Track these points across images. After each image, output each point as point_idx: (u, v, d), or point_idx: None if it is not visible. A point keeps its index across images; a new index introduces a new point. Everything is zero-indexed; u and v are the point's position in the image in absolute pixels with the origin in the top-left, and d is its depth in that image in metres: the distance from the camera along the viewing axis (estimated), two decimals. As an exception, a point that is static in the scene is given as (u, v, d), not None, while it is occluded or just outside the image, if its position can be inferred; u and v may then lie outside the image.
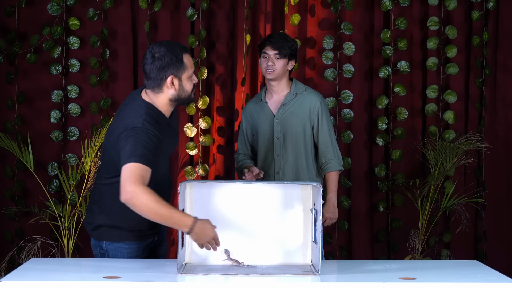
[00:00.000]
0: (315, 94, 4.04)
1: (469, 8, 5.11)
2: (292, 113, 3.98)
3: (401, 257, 4.99)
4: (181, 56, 3.17)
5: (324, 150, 4.00)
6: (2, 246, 4.94)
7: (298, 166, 3.98)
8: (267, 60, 3.94)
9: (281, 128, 3.98)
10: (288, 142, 3.97)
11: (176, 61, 3.17)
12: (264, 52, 3.95)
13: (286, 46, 3.93)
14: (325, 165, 4.00)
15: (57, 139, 4.94)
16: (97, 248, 3.44)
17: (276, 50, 3.92)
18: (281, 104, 3.99)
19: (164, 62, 3.16)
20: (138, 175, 3.00)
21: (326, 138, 4.00)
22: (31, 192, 4.97)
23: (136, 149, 3.07)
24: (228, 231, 3.21)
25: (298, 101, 3.99)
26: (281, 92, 4.02)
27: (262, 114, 4.03)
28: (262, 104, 4.05)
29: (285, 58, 3.94)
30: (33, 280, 2.86)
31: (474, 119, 5.13)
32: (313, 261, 3.12)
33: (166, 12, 4.98)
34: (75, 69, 4.94)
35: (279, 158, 3.98)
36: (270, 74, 3.94)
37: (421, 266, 3.27)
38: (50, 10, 4.86)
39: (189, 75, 3.22)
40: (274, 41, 3.93)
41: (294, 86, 4.04)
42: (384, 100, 5.05)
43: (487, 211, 5.13)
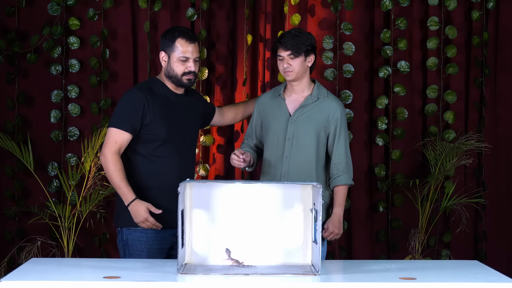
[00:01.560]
0: (337, 102, 3.87)
1: (469, 8, 5.11)
2: (310, 117, 3.80)
3: (401, 257, 4.99)
4: (174, 38, 3.63)
5: (338, 161, 3.84)
6: (2, 246, 4.94)
7: (307, 172, 3.78)
8: (282, 62, 3.77)
9: (295, 129, 3.80)
10: (300, 146, 3.79)
11: (168, 40, 3.64)
12: (279, 55, 3.78)
13: (299, 43, 3.74)
14: (335, 177, 3.84)
15: (57, 139, 4.94)
16: (119, 242, 3.65)
17: (289, 50, 3.74)
18: (300, 105, 3.82)
19: (162, 39, 3.69)
20: (110, 140, 3.57)
21: (342, 150, 3.85)
22: (31, 192, 4.97)
23: (114, 114, 3.62)
24: (228, 231, 3.21)
25: (318, 105, 3.82)
26: (301, 92, 3.85)
27: (277, 110, 3.86)
28: (279, 100, 3.88)
29: (301, 56, 3.75)
30: (33, 280, 2.86)
31: (474, 119, 5.13)
32: (313, 261, 3.12)
33: (166, 12, 4.98)
34: (75, 69, 4.94)
35: (288, 160, 3.79)
36: (290, 76, 3.77)
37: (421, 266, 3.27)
38: (50, 10, 4.86)
39: (178, 57, 3.62)
40: (285, 41, 3.75)
41: (317, 89, 3.86)
42: (384, 100, 5.04)
43: (487, 211, 5.13)
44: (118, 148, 3.58)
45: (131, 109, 3.59)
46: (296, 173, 3.77)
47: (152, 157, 3.64)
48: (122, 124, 3.58)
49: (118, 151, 3.58)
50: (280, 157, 3.80)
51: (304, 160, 3.79)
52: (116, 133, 3.58)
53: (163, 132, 3.62)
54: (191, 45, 3.65)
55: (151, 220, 3.50)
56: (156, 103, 3.63)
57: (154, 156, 3.64)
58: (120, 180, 3.54)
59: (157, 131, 3.61)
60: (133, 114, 3.59)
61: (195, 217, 3.22)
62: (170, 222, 3.53)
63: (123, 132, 3.58)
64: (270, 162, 3.84)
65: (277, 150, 3.82)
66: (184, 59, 3.64)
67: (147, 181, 3.61)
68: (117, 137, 3.58)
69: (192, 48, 3.65)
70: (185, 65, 3.64)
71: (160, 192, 3.61)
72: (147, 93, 3.64)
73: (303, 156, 3.79)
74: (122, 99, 3.67)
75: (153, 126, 3.61)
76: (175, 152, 3.66)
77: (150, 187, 3.62)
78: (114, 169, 3.55)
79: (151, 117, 3.60)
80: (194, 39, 3.67)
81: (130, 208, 3.52)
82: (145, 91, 3.64)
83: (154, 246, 3.58)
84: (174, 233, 3.59)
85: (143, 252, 3.58)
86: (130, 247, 3.62)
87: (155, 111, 3.62)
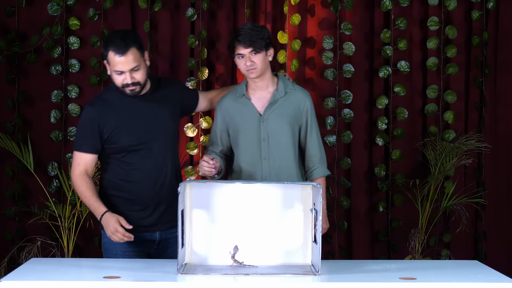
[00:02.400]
0: (304, 93, 3.73)
1: (469, 8, 5.11)
2: (282, 113, 3.64)
3: (401, 257, 4.99)
4: (105, 50, 3.44)
5: (313, 153, 3.71)
6: (2, 246, 4.94)
7: (288, 171, 3.66)
8: (244, 60, 3.57)
9: (269, 128, 3.63)
10: (277, 144, 3.64)
11: (104, 51, 3.46)
12: (238, 54, 3.58)
13: (258, 38, 3.54)
14: (312, 170, 3.72)
15: (57, 139, 4.94)
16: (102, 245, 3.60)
17: (250, 47, 3.54)
18: (269, 103, 3.64)
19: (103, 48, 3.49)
20: (74, 164, 3.55)
21: (315, 141, 3.72)
22: (31, 192, 4.97)
23: (75, 135, 3.62)
24: (228, 231, 3.21)
25: (287, 99, 3.66)
26: (266, 88, 3.67)
27: (245, 112, 3.66)
28: (244, 101, 3.67)
29: (263, 51, 3.57)
30: (33, 280, 2.86)
31: (474, 119, 5.13)
32: (313, 261, 3.12)
33: (166, 12, 4.98)
34: (75, 69, 4.94)
35: (267, 162, 3.64)
36: (254, 73, 3.58)
37: (421, 266, 3.27)
38: (50, 10, 4.86)
39: (112, 70, 3.45)
40: (244, 38, 3.54)
41: (282, 82, 3.69)
42: (384, 100, 5.04)
43: (487, 211, 5.13)
44: (84, 169, 3.54)
45: (87, 130, 3.51)
46: (278, 173, 3.65)
47: (122, 165, 3.56)
48: (81, 146, 3.53)
49: (85, 171, 3.53)
50: (258, 159, 3.64)
51: (284, 158, 3.66)
52: (78, 156, 3.54)
53: (125, 142, 3.51)
54: (122, 57, 3.38)
55: (121, 231, 3.38)
56: (113, 113, 3.52)
57: (124, 164, 3.55)
58: (89, 198, 3.49)
59: (118, 142, 3.51)
60: (90, 134, 3.51)
61: (195, 217, 3.22)
62: (145, 227, 3.53)
63: (84, 154, 3.53)
64: (249, 165, 3.66)
65: (253, 152, 3.65)
66: (119, 72, 3.44)
67: (122, 188, 3.56)
68: (79, 160, 3.53)
69: (123, 60, 3.39)
70: (121, 77, 3.46)
71: (134, 198, 3.55)
72: (101, 106, 3.53)
73: (283, 155, 3.65)
74: (80, 119, 3.60)
75: (114, 138, 3.51)
76: (145, 157, 3.54)
77: (125, 193, 3.56)
78: (81, 190, 3.51)
79: (109, 130, 3.50)
80: (125, 50, 3.38)
81: (102, 221, 3.46)
82: (98, 105, 3.53)
83: (129, 249, 3.52)
84: (152, 239, 3.56)
85: (118, 255, 3.52)
86: (107, 250, 3.57)
87: (112, 122, 3.50)
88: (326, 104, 5.01)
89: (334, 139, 5.03)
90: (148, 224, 3.54)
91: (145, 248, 3.55)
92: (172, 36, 5.00)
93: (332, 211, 5.04)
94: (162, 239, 3.56)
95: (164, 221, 3.55)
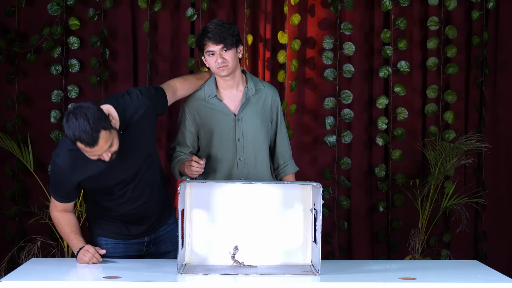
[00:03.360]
0: (273, 89, 3.65)
1: (469, 8, 5.11)
2: (255, 111, 3.57)
3: (401, 257, 4.99)
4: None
5: (283, 150, 3.67)
6: (2, 246, 4.94)
7: (263, 170, 3.60)
8: (214, 57, 3.44)
9: (244, 128, 3.55)
10: (251, 144, 3.56)
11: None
12: (209, 51, 3.44)
13: (228, 34, 3.44)
14: (283, 167, 3.68)
15: (57, 139, 4.93)
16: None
17: (221, 44, 3.43)
18: (242, 103, 3.55)
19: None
20: (52, 204, 3.36)
21: (284, 137, 3.67)
22: (31, 192, 4.97)
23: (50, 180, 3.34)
24: (228, 231, 3.21)
25: (259, 97, 3.59)
26: (236, 87, 3.57)
27: (218, 114, 3.55)
28: (216, 102, 3.55)
29: (233, 48, 3.46)
30: (33, 280, 2.86)
31: (474, 119, 5.13)
32: (313, 261, 3.12)
33: (166, 12, 4.98)
34: (75, 69, 4.94)
35: (243, 162, 3.56)
36: (225, 70, 3.46)
37: (421, 266, 3.27)
38: (50, 10, 4.86)
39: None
40: (214, 35, 3.42)
41: (251, 79, 3.60)
42: (384, 100, 5.04)
43: (487, 211, 5.13)
44: (62, 209, 3.36)
45: (60, 185, 3.26)
46: (253, 172, 3.58)
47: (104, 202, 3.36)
48: (57, 195, 3.32)
49: (64, 209, 3.35)
50: (234, 160, 3.56)
51: (260, 157, 3.59)
52: (55, 200, 3.34)
53: (104, 186, 3.27)
54: (92, 149, 3.01)
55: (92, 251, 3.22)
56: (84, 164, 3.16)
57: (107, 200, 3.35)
58: (68, 234, 3.32)
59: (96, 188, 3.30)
60: (63, 190, 3.28)
61: (195, 217, 3.22)
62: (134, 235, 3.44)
63: (61, 201, 3.34)
64: (222, 166, 3.58)
65: (229, 153, 3.56)
66: (95, 158, 3.09)
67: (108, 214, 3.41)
68: (57, 203, 3.33)
69: (93, 151, 3.03)
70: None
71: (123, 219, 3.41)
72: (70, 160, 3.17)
73: (258, 154, 3.58)
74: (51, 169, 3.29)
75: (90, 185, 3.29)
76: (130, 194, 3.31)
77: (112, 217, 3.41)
78: (60, 227, 3.34)
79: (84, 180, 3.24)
80: (94, 143, 2.98)
81: (78, 256, 3.24)
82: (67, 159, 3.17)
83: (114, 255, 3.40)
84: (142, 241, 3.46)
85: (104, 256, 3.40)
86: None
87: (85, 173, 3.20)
88: (326, 104, 5.01)
89: (334, 139, 5.03)
90: (137, 233, 3.47)
91: (133, 251, 3.49)
92: (172, 36, 5.00)
93: (332, 211, 5.04)
94: (151, 240, 3.50)
95: (153, 228, 3.49)
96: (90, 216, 3.51)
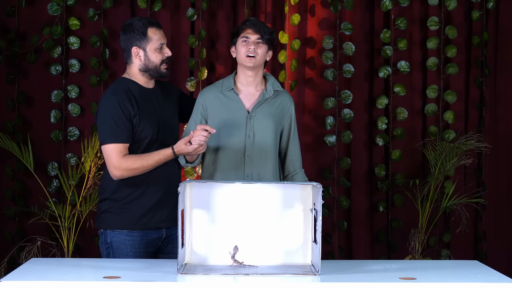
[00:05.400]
0: (289, 96, 3.70)
1: (469, 8, 5.11)
2: (269, 112, 3.59)
3: (401, 257, 4.99)
4: (143, 29, 3.48)
5: (294, 158, 3.68)
6: (2, 246, 4.94)
7: (269, 169, 3.60)
8: (247, 45, 3.51)
9: (255, 126, 3.57)
10: (261, 143, 3.58)
11: (138, 34, 3.48)
12: (245, 36, 3.52)
13: (268, 31, 3.54)
14: (293, 175, 3.68)
15: (57, 139, 4.94)
16: (102, 244, 3.52)
17: (259, 34, 3.51)
18: (257, 102, 3.58)
19: (128, 35, 3.50)
20: (112, 156, 3.39)
21: (297, 145, 3.69)
22: (31, 192, 4.97)
23: (103, 128, 3.44)
24: (228, 231, 3.21)
25: (276, 101, 3.62)
26: (255, 86, 3.60)
27: (231, 107, 3.58)
28: (232, 96, 3.59)
29: (266, 45, 3.54)
30: (33, 280, 2.86)
31: (474, 119, 5.13)
32: (313, 261, 3.12)
33: (166, 12, 4.98)
34: (75, 69, 4.94)
35: (250, 159, 3.57)
36: (251, 61, 3.51)
37: (421, 266, 3.27)
38: (50, 10, 4.86)
39: (155, 47, 3.49)
40: (256, 23, 3.53)
41: (270, 82, 3.63)
42: (384, 100, 5.05)
43: (487, 211, 5.13)
44: (126, 152, 3.42)
45: (120, 126, 3.41)
46: (259, 171, 3.59)
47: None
48: (120, 139, 3.41)
49: (127, 153, 3.43)
50: (242, 156, 3.58)
51: (267, 158, 3.60)
52: (118, 146, 3.40)
53: (149, 130, 3.47)
54: (161, 31, 3.53)
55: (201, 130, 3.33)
56: (135, 103, 3.47)
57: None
58: (150, 156, 3.40)
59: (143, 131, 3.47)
60: (124, 128, 3.42)
61: (195, 217, 3.22)
62: (158, 222, 3.53)
63: (122, 145, 3.41)
64: (229, 161, 3.59)
65: (237, 149, 3.58)
66: (159, 46, 3.50)
67: (138, 180, 3.50)
68: (121, 148, 3.40)
69: (162, 33, 3.55)
70: (161, 52, 3.51)
71: (151, 191, 3.52)
72: (124, 95, 3.46)
73: (266, 154, 3.59)
74: (104, 109, 3.46)
75: (140, 127, 3.46)
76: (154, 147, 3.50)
77: (142, 185, 3.51)
78: (139, 161, 3.40)
79: (137, 118, 3.45)
80: (159, 25, 3.56)
81: (177, 151, 3.40)
82: (122, 94, 3.46)
83: (140, 250, 3.50)
84: (160, 236, 3.57)
85: (128, 255, 3.48)
86: (115, 250, 3.50)
87: (137, 111, 3.46)
88: (326, 104, 5.01)
89: (334, 139, 5.03)
90: (159, 220, 3.53)
91: (152, 247, 3.56)
92: (172, 36, 5.00)
93: (332, 211, 5.05)
94: (167, 236, 3.58)
95: (172, 218, 3.55)
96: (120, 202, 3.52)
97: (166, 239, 3.58)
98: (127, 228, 3.50)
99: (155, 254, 3.59)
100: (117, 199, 3.51)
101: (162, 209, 3.54)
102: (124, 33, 3.51)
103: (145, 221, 3.51)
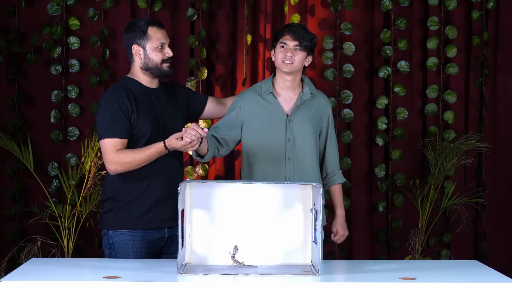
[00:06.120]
0: (326, 98, 3.76)
1: (469, 8, 5.11)
2: (307, 115, 3.65)
3: (401, 257, 4.99)
4: (144, 27, 3.55)
5: (332, 160, 3.74)
6: (2, 246, 4.94)
7: (311, 172, 3.65)
8: (285, 51, 3.55)
9: (295, 130, 3.62)
10: (301, 146, 3.62)
11: (139, 32, 3.55)
12: (283, 42, 3.56)
13: (307, 38, 3.57)
14: (332, 176, 3.76)
15: (57, 139, 4.94)
16: (105, 244, 3.53)
17: (297, 41, 3.55)
18: (295, 106, 3.63)
19: (130, 33, 3.59)
20: (109, 150, 3.44)
21: (334, 147, 3.75)
22: (31, 192, 4.97)
23: (101, 123, 3.48)
24: (228, 231, 3.21)
25: (313, 104, 3.68)
26: (293, 90, 3.65)
27: (271, 110, 3.63)
28: (271, 99, 3.64)
29: (305, 51, 3.58)
30: (33, 280, 2.86)
31: (474, 119, 5.13)
32: (313, 261, 3.12)
33: (166, 12, 4.98)
34: (75, 69, 4.94)
35: (291, 162, 3.62)
36: (288, 67, 3.55)
37: (421, 266, 3.27)
38: (50, 10, 4.86)
39: (155, 46, 3.54)
40: (295, 30, 3.55)
41: (307, 85, 3.69)
42: (384, 100, 5.05)
43: (487, 211, 5.13)
44: (122, 147, 3.46)
45: (117, 113, 3.46)
46: (301, 174, 3.63)
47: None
48: (117, 134, 3.45)
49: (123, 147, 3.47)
50: (282, 159, 3.62)
51: (308, 161, 3.65)
52: (114, 141, 3.45)
53: (148, 128, 3.49)
54: (163, 31, 3.59)
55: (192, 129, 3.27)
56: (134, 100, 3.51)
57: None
58: (142, 151, 3.42)
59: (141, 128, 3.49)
60: (121, 123, 3.46)
61: (195, 217, 3.22)
62: (160, 221, 3.54)
63: (119, 140, 3.45)
64: (269, 165, 3.62)
65: (277, 152, 3.62)
66: (159, 45, 3.55)
67: (138, 179, 3.53)
68: (116, 143, 3.44)
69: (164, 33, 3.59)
70: (161, 51, 3.55)
71: (152, 190, 3.54)
72: (123, 92, 3.51)
73: (306, 157, 3.64)
74: (102, 105, 3.52)
75: (138, 124, 3.49)
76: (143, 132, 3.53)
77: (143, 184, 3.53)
78: (132, 155, 3.43)
79: (135, 115, 3.49)
80: (162, 25, 3.61)
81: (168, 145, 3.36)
82: (121, 91, 3.51)
83: (141, 250, 3.52)
84: (162, 236, 3.57)
85: (130, 255, 3.50)
86: (117, 250, 3.53)
87: (135, 108, 3.49)
88: (326, 104, 5.01)
89: (334, 139, 5.03)
90: (161, 219, 3.54)
91: (155, 247, 3.56)
92: (172, 36, 5.00)
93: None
94: (170, 236, 3.58)
95: (174, 218, 3.55)
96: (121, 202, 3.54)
97: (169, 239, 3.59)
98: (129, 228, 3.51)
99: (157, 255, 3.59)
100: (118, 199, 3.53)
101: (164, 209, 3.54)
102: (127, 31, 3.61)
103: (146, 220, 3.51)
